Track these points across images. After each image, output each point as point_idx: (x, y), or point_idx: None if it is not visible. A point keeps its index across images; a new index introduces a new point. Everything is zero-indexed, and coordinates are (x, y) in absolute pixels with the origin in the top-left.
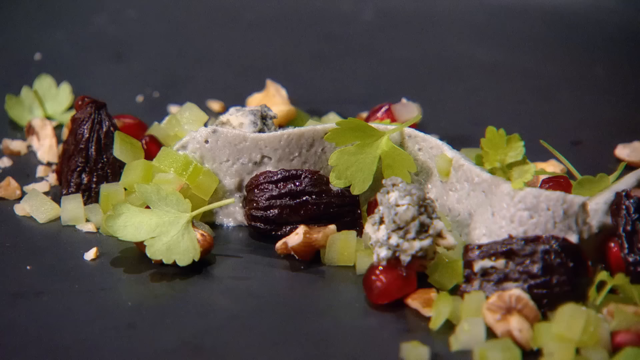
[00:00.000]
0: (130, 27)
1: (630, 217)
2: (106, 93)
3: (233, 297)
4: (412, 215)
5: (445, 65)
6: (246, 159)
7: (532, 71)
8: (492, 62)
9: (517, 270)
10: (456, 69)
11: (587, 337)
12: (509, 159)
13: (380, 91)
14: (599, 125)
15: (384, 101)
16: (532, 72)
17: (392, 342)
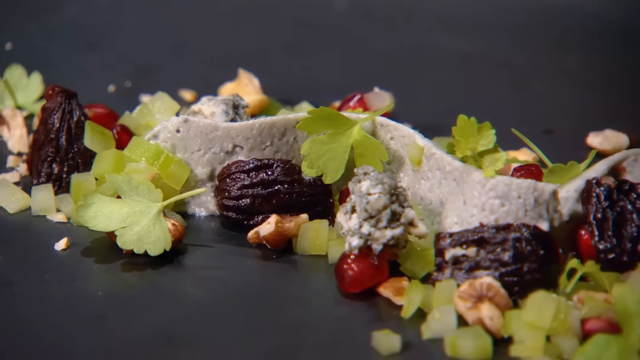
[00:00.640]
0: (102, 17)
1: (601, 204)
2: (78, 83)
3: (205, 287)
4: (384, 204)
5: (418, 55)
6: (218, 149)
7: (505, 61)
8: (464, 52)
9: (488, 258)
10: (429, 59)
11: (558, 325)
12: (480, 147)
13: (353, 80)
14: (571, 114)
15: (357, 90)
16: (505, 62)
17: (364, 330)
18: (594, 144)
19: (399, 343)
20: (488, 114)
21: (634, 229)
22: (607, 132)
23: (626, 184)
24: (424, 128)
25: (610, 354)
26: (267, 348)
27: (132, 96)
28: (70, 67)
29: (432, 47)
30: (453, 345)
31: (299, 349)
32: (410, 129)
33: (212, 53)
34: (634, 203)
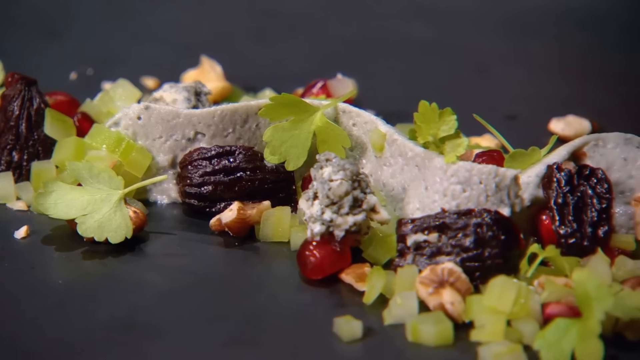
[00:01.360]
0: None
1: (562, 189)
2: (39, 70)
3: (166, 274)
4: (346, 190)
5: (382, 42)
6: (179, 136)
7: (468, 47)
8: (428, 38)
9: (449, 243)
10: (392, 45)
11: (518, 309)
12: (441, 132)
13: (316, 67)
14: (534, 100)
15: (320, 77)
16: (468, 48)
17: (326, 317)
18: (556, 130)
19: (360, 329)
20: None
21: (594, 214)
22: (569, 117)
23: (586, 168)
24: (387, 114)
25: (570, 338)
26: (228, 335)
27: (94, 84)
28: (32, 54)
29: (395, 33)
30: (414, 330)
31: (260, 335)
32: (373, 115)
33: (175, 40)
34: (594, 188)
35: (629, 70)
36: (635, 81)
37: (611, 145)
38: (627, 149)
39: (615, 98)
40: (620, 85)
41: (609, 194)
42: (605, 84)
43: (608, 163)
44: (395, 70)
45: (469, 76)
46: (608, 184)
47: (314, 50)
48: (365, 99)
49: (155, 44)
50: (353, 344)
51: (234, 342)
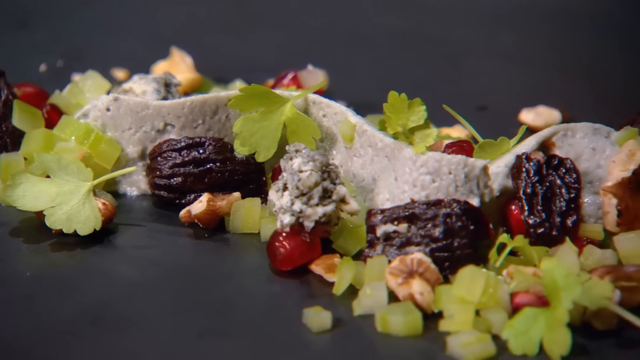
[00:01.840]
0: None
1: (530, 179)
2: (8, 62)
3: (135, 266)
4: (315, 181)
5: (354, 33)
6: (149, 127)
7: (440, 38)
8: (399, 29)
9: (419, 234)
10: (364, 36)
11: (487, 299)
12: (411, 123)
13: (287, 59)
14: (505, 91)
15: (291, 68)
16: (440, 39)
17: (295, 308)
18: (527, 120)
19: (329, 319)
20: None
21: (563, 204)
22: (539, 108)
23: (555, 158)
24: (359, 105)
25: (538, 327)
26: (197, 326)
27: (64, 75)
28: (0, 46)
29: (367, 24)
30: (383, 321)
31: (230, 326)
32: (343, 106)
33: (146, 31)
34: (562, 178)
35: (599, 61)
36: (605, 72)
37: (580, 135)
38: (595, 139)
39: (585, 88)
40: (591, 76)
41: (578, 183)
42: (576, 74)
43: (577, 153)
44: (367, 61)
45: (441, 67)
46: (577, 173)
47: (285, 42)
48: (336, 90)
49: (126, 36)
50: (322, 334)
51: (203, 334)
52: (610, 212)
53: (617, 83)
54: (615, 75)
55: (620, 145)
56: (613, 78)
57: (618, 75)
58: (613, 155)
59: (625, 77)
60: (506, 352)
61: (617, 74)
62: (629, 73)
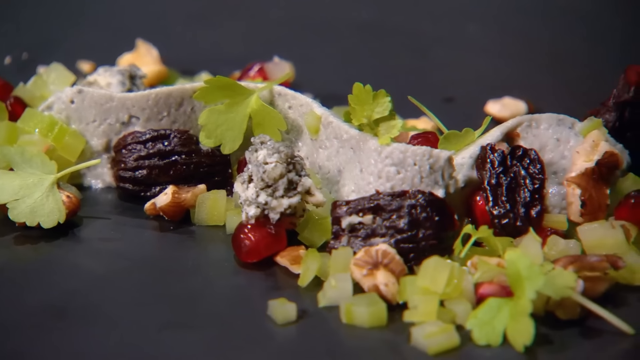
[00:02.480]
0: None
1: (495, 170)
2: None
3: (100, 259)
4: (280, 173)
5: (321, 24)
6: (113, 119)
7: (407, 29)
8: (367, 21)
9: (384, 225)
10: (331, 28)
11: (451, 290)
12: (375, 114)
13: (254, 50)
14: (471, 82)
15: (258, 60)
16: (407, 31)
17: (261, 300)
18: (493, 112)
19: (294, 311)
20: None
21: (527, 194)
22: (505, 99)
23: (519, 149)
24: (326, 97)
25: (502, 317)
26: (162, 319)
27: (30, 68)
28: None
29: (334, 16)
30: (348, 312)
31: (195, 318)
32: (310, 98)
33: (112, 24)
34: (527, 168)
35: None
36: (571, 63)
37: (544, 126)
38: (559, 130)
39: (551, 80)
40: (557, 67)
41: (542, 174)
42: (542, 66)
43: (541, 144)
44: (334, 53)
45: (408, 59)
46: (541, 164)
47: (252, 34)
48: (302, 82)
49: (92, 28)
50: (287, 326)
51: (168, 326)
52: (574, 202)
53: (583, 74)
54: (581, 67)
55: (584, 136)
56: (579, 69)
57: (584, 67)
58: (577, 146)
59: (591, 68)
60: (470, 342)
61: (583, 65)
62: (595, 64)
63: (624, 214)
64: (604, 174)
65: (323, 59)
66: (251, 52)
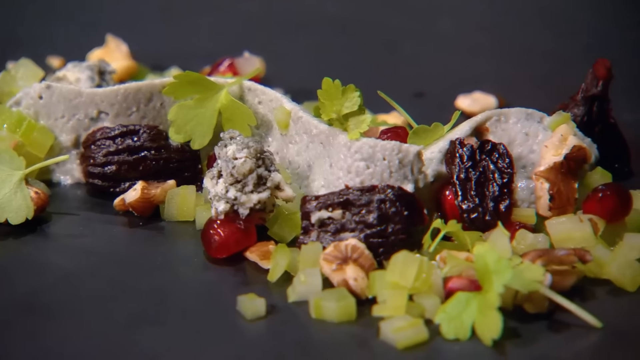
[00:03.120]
0: None
1: (464, 164)
2: None
3: (69, 255)
4: (250, 168)
5: (292, 19)
6: (82, 115)
7: (378, 24)
8: (338, 16)
9: (353, 220)
10: (303, 23)
11: (420, 284)
12: (345, 109)
13: (224, 46)
14: (442, 77)
15: (229, 55)
16: (378, 26)
17: (230, 295)
18: (463, 106)
19: (264, 306)
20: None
21: (496, 189)
22: (476, 94)
23: (488, 144)
24: (296, 92)
25: (470, 311)
26: (131, 315)
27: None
28: None
29: (305, 11)
30: (317, 307)
31: (164, 314)
32: (280, 93)
33: (82, 19)
34: (495, 163)
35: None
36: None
37: (513, 120)
38: (528, 124)
39: (521, 74)
40: (527, 62)
41: (511, 168)
42: (512, 60)
43: (510, 138)
44: (305, 48)
45: (379, 54)
46: (509, 158)
47: (222, 29)
48: (273, 77)
49: (62, 23)
50: (257, 321)
51: (137, 322)
52: (543, 196)
53: (552, 68)
54: (550, 61)
55: (553, 130)
56: (549, 63)
57: (553, 61)
58: (546, 140)
59: (561, 62)
60: (439, 336)
61: (553, 60)
62: (564, 58)
63: (592, 208)
64: (572, 168)
65: (294, 54)
66: (221, 47)
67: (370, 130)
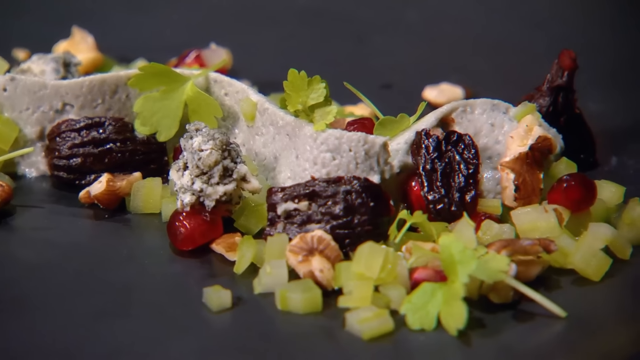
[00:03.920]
0: None
1: (430, 155)
2: None
3: (34, 248)
4: (215, 160)
5: (259, 11)
6: (47, 107)
7: (345, 16)
8: (306, 7)
9: (319, 211)
10: (270, 15)
11: (385, 275)
12: (310, 101)
13: (192, 37)
14: (409, 68)
15: (196, 47)
16: (345, 17)
17: (196, 287)
18: (430, 98)
19: (229, 298)
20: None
21: (461, 179)
22: (443, 85)
23: (454, 134)
24: (264, 84)
25: (436, 302)
26: (97, 308)
27: None
28: None
29: (272, 3)
30: (283, 298)
31: (130, 307)
32: (248, 85)
33: (48, 11)
34: (461, 153)
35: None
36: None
37: (479, 111)
38: (494, 115)
39: (488, 65)
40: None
41: (476, 159)
42: (480, 51)
43: (476, 129)
44: (272, 39)
45: (346, 45)
46: (475, 149)
47: (190, 20)
48: (241, 69)
49: (28, 15)
50: (222, 313)
51: (102, 315)
52: (508, 187)
53: (519, 59)
54: (517, 52)
55: (519, 121)
56: (515, 54)
57: (520, 52)
58: (511, 131)
59: (527, 53)
60: (404, 327)
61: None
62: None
63: (557, 198)
64: (537, 158)
65: (261, 46)
66: (189, 39)
67: (337, 122)
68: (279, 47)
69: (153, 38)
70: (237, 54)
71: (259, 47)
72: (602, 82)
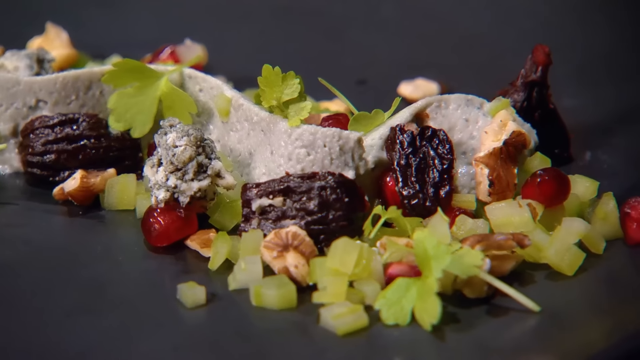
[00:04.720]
0: None
1: (404, 151)
2: None
3: (6, 245)
4: (190, 156)
5: (234, 7)
6: (20, 104)
7: (320, 11)
8: (280, 3)
9: (294, 207)
10: (245, 10)
11: (360, 270)
12: (285, 96)
13: (166, 33)
14: (385, 64)
15: (171, 43)
16: (320, 12)
17: (171, 284)
18: (406, 93)
19: (204, 294)
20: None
21: (436, 175)
22: (418, 80)
23: (428, 130)
24: (239, 80)
25: (410, 297)
26: (70, 304)
27: None
28: None
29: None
30: (257, 294)
31: (104, 304)
32: (222, 80)
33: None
34: (436, 149)
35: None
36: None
37: (453, 106)
38: (468, 110)
39: (463, 60)
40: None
41: (451, 154)
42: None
43: (450, 124)
44: (248, 35)
45: (321, 41)
46: (450, 144)
47: (164, 16)
48: (216, 65)
49: (2, 11)
50: (197, 309)
51: (75, 312)
52: (483, 182)
53: (493, 54)
54: (491, 47)
55: (493, 116)
56: (489, 50)
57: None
58: (485, 126)
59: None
60: (379, 322)
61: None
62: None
63: (531, 193)
64: (512, 153)
65: (236, 42)
66: (163, 35)
67: (312, 117)
68: (254, 43)
69: (127, 34)
70: (212, 50)
71: (234, 43)
72: (576, 77)
